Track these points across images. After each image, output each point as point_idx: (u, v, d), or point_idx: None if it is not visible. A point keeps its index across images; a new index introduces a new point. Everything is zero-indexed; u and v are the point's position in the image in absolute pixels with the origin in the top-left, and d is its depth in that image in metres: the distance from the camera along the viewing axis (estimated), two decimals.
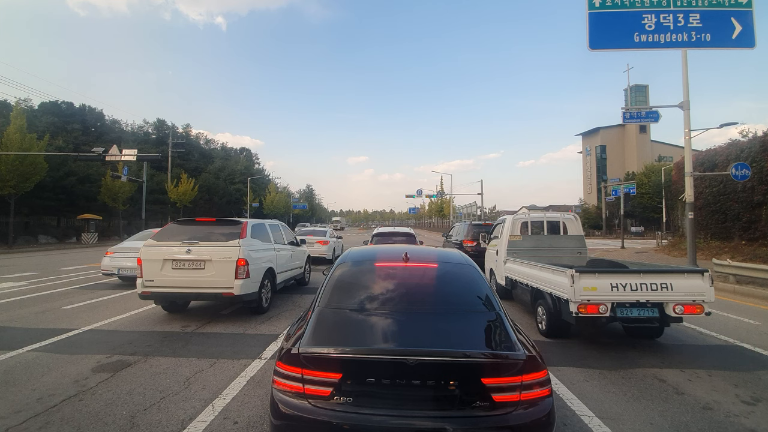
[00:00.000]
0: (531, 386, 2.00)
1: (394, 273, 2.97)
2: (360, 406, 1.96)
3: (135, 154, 21.84)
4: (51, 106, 45.40)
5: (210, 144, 74.87)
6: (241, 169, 63.03)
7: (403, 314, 2.53)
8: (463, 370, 2.04)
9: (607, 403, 3.45)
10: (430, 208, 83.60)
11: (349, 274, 3.01)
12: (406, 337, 2.33)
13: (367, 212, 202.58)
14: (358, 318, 2.51)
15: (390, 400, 2.00)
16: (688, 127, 10.71)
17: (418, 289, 2.86)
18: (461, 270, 3.03)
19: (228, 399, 3.43)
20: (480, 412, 1.95)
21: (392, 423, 1.91)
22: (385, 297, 2.69)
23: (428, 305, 2.66)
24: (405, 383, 1.99)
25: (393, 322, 2.48)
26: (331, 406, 1.98)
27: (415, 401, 2.00)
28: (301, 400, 2.02)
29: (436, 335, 2.34)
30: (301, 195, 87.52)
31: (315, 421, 1.94)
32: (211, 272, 5.98)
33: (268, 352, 4.74)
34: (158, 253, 6.07)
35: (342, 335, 2.36)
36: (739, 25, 8.42)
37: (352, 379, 2.03)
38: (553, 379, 3.91)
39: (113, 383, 3.78)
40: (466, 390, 1.99)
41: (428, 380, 1.99)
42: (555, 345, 5.12)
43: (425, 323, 2.45)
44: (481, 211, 65.02)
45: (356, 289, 2.82)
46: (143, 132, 59.07)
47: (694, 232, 11.19)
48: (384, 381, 2.01)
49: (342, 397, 2.00)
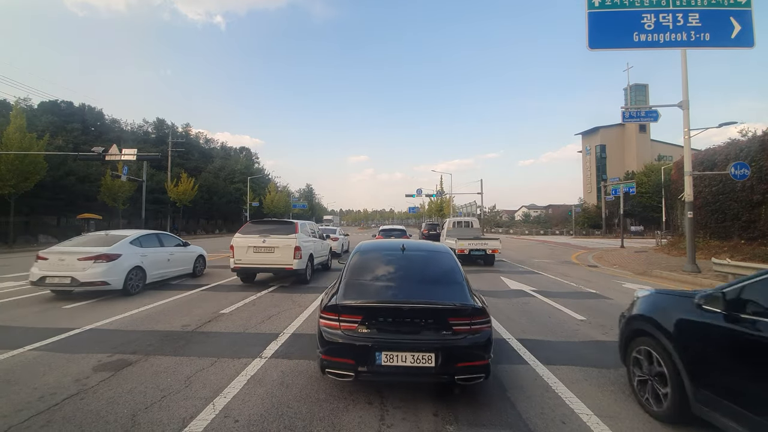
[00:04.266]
0: (477, 323, 3.26)
1: (393, 258, 4.19)
2: (374, 334, 3.24)
3: (135, 154, 21.82)
4: (51, 105, 45.37)
5: (210, 143, 74.93)
6: (240, 169, 62.99)
7: (400, 281, 3.81)
8: (436, 313, 3.30)
9: (606, 402, 3.46)
10: (430, 207, 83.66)
11: (363, 258, 4.25)
12: (401, 295, 3.55)
13: (366, 211, 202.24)
14: (370, 284, 3.77)
15: (391, 330, 3.27)
16: (688, 126, 10.73)
17: (410, 267, 4.06)
18: (440, 256, 4.34)
19: (229, 397, 3.45)
20: (445, 336, 3.22)
21: (391, 339, 3.20)
22: (387, 272, 3.95)
23: (416, 277, 3.90)
24: (400, 320, 3.29)
25: (394, 286, 3.72)
26: (356, 333, 3.25)
27: (407, 330, 3.26)
28: (337, 330, 3.30)
29: (421, 294, 3.55)
30: (301, 194, 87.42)
31: (346, 343, 3.22)
32: (279, 254, 9.13)
33: (268, 350, 4.75)
34: (244, 242, 9.22)
35: (361, 294, 3.55)
36: (739, 25, 8.42)
37: (367, 319, 3.29)
38: (552, 377, 3.95)
39: (114, 382, 3.80)
40: (437, 324, 3.26)
41: (415, 318, 3.29)
42: (559, 344, 5.14)
43: (414, 287, 3.72)
44: (481, 211, 64.99)
45: (368, 267, 4.05)
46: (143, 131, 59.06)
47: (693, 231, 11.21)
48: (388, 320, 3.30)
49: (362, 328, 3.27)
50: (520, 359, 4.52)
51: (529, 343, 5.07)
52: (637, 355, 3.40)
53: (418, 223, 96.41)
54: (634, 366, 3.44)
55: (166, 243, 9.93)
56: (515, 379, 3.94)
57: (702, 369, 2.75)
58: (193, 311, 6.87)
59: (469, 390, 3.55)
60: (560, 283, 10.51)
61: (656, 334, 3.13)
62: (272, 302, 7.66)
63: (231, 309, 7.04)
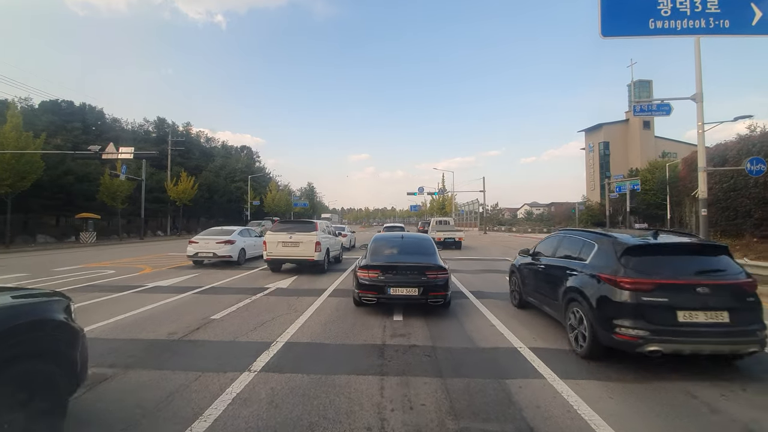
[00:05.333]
0: (441, 274, 6.29)
1: (396, 241, 7.38)
2: (386, 279, 6.19)
3: (132, 152, 21.50)
4: (51, 105, 45.04)
5: (210, 142, 74.50)
6: (241, 168, 62.52)
7: (399, 252, 6.97)
8: (419, 268, 6.31)
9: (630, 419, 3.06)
10: (431, 206, 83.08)
11: (379, 242, 7.45)
12: (400, 259, 6.66)
13: (368, 210, 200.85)
14: (383, 252, 6.99)
15: (395, 276, 6.23)
16: (702, 120, 10.25)
17: (405, 245, 7.24)
18: (424, 240, 7.64)
19: (209, 421, 3.05)
20: (423, 280, 6.18)
21: (395, 281, 6.17)
22: (393, 248, 7.16)
23: (410, 250, 7.05)
24: (400, 272, 6.30)
25: (396, 254, 6.93)
26: (376, 279, 6.20)
27: (403, 277, 6.24)
28: (366, 278, 6.27)
29: (411, 259, 6.65)
30: (302, 193, 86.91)
31: (371, 284, 6.19)
32: (302, 248, 11.02)
33: (258, 363, 4.32)
34: (275, 238, 11.28)
35: (379, 259, 6.61)
36: (760, 11, 7.94)
37: (382, 271, 6.24)
38: (572, 395, 3.55)
39: (85, 400, 3.40)
40: (419, 274, 6.24)
41: (407, 271, 6.30)
42: (583, 362, 4.75)
43: (408, 256, 6.83)
44: (483, 208, 64.23)
45: (382, 246, 7.24)
46: (143, 130, 58.70)
47: (707, 228, 10.73)
48: (393, 272, 6.28)
49: (380, 276, 6.21)
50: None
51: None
52: (512, 277, 7.48)
53: (418, 221, 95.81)
54: (510, 282, 7.62)
55: (252, 234, 15.15)
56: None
57: (525, 281, 6.65)
58: (184, 317, 6.46)
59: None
60: None
61: (515, 270, 7.24)
62: (267, 306, 7.26)
63: (223, 314, 6.63)
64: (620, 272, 4.15)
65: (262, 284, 9.66)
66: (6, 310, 2.47)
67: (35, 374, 2.46)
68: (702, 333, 3.80)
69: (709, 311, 3.84)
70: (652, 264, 4.18)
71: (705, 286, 3.89)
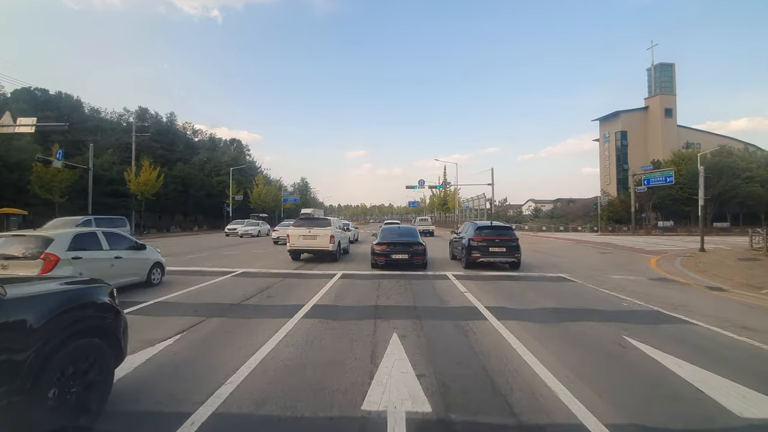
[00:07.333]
0: (420, 247, 12.50)
1: (395, 229, 14.31)
2: (390, 251, 12.40)
3: (33, 124, 17.26)
4: (23, 92, 41.95)
5: (197, 135, 70.93)
6: (227, 161, 58.52)
7: (397, 235, 13.39)
8: (408, 243, 12.60)
9: None
10: (432, 201, 76.01)
11: (384, 231, 14.22)
12: (397, 238, 13.00)
13: (365, 206, 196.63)
14: (388, 236, 13.28)
15: (395, 248, 12.48)
16: None
17: (401, 232, 13.91)
18: (411, 229, 14.54)
19: None
20: (410, 250, 12.39)
21: (395, 251, 12.35)
22: (393, 234, 13.53)
23: (403, 234, 13.62)
24: (398, 246, 12.57)
25: (395, 236, 13.26)
26: (384, 249, 12.46)
27: (399, 248, 12.49)
28: (379, 249, 12.54)
29: (404, 238, 13.02)
30: (295, 188, 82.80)
31: (382, 253, 12.42)
32: (319, 240, 13.81)
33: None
34: (297, 232, 14.10)
35: (385, 239, 12.99)
36: None
37: (388, 245, 12.58)
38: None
39: None
40: (408, 247, 12.47)
41: (402, 245, 12.60)
42: None
43: (402, 237, 13.17)
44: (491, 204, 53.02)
45: (387, 232, 13.88)
46: (125, 120, 55.12)
47: None
48: (394, 245, 12.60)
49: (387, 249, 12.49)
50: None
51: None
52: (451, 249, 16.05)
53: (416, 217, 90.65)
54: (451, 250, 15.85)
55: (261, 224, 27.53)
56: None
57: (454, 249, 15.09)
58: None
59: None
60: None
61: (453, 241, 15.67)
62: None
63: None
64: (474, 235, 12.46)
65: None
66: (64, 294, 3.01)
67: (90, 348, 2.94)
68: (497, 254, 12.08)
69: (497, 247, 12.08)
70: (483, 232, 12.47)
71: (499, 239, 12.22)
